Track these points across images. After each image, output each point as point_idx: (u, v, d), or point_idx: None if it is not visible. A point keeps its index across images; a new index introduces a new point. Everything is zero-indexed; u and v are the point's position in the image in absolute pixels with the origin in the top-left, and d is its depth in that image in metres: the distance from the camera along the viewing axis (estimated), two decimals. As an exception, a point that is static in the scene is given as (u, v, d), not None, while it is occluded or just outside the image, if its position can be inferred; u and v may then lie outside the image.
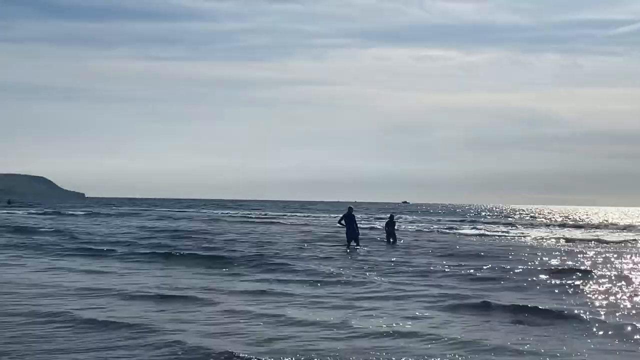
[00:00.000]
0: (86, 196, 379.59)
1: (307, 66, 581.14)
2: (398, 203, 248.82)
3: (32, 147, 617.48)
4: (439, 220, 72.72)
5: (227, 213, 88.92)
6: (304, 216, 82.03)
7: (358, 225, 29.99)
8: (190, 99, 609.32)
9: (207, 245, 29.02)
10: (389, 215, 34.55)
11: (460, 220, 72.72)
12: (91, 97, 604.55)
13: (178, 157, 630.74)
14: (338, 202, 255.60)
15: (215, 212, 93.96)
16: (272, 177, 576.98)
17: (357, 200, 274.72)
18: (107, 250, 25.54)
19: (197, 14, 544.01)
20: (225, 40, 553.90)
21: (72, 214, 69.85)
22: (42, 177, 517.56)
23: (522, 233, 45.86)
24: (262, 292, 14.90)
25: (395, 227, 33.59)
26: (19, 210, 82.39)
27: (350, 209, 29.93)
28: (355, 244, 28.73)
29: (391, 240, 31.98)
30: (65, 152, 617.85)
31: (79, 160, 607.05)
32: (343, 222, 29.64)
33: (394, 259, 23.05)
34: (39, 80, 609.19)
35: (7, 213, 68.64)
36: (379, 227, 46.27)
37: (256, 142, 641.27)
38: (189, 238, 33.57)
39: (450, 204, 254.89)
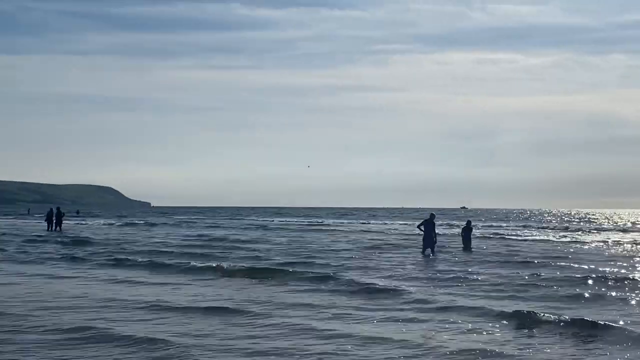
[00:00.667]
0: (152, 205, 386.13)
1: (369, 72, 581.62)
2: (457, 209, 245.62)
3: (100, 157, 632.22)
4: (506, 226, 71.02)
5: (294, 221, 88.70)
6: (365, 223, 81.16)
7: (437, 233, 29.48)
8: (253, 108, 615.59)
9: (257, 255, 28.61)
10: (465, 222, 33.59)
11: (523, 225, 71.14)
12: (157, 107, 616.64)
13: (242, 165, 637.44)
14: (402, 207, 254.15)
15: (278, 219, 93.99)
16: (334, 184, 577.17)
17: (420, 207, 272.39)
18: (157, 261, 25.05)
19: (259, 23, 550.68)
20: (288, 49, 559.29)
21: (133, 223, 70.81)
22: (109, 187, 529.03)
23: (604, 239, 43.92)
24: (323, 306, 14.42)
25: (472, 234, 32.92)
26: (85, 220, 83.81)
27: (432, 215, 29.25)
28: (430, 253, 28.17)
29: (467, 246, 31.42)
30: (131, 162, 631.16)
31: (145, 170, 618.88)
32: (422, 227, 29.05)
33: (470, 269, 22.35)
34: (106, 92, 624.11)
35: (75, 223, 69.77)
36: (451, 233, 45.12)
37: (318, 149, 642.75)
38: (240, 248, 33.23)
39: (514, 209, 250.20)
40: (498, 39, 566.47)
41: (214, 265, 22.50)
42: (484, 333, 11.47)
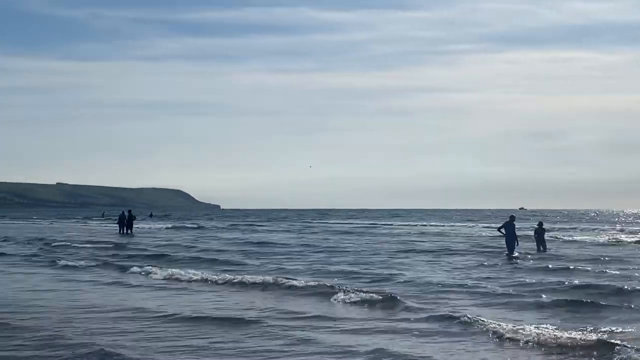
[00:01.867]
0: (222, 208, 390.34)
1: (439, 73, 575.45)
2: (514, 209, 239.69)
3: (172, 161, 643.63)
4: (579, 228, 68.08)
5: (374, 224, 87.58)
6: (441, 225, 79.21)
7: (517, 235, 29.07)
8: (323, 110, 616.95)
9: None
10: (537, 223, 32.62)
11: (593, 228, 68.14)
12: (227, 111, 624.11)
13: (313, 168, 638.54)
14: (476, 209, 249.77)
15: (353, 222, 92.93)
16: (406, 185, 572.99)
17: (492, 208, 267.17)
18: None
19: (326, 25, 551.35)
20: (356, 51, 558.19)
21: (184, 227, 70.78)
22: (180, 190, 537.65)
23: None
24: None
25: (545, 236, 31.63)
26: (158, 222, 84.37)
27: (512, 217, 29.10)
28: (509, 253, 28.13)
29: (541, 248, 30.32)
30: (202, 165, 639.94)
31: (215, 173, 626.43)
32: (503, 230, 28.96)
33: (550, 279, 20.60)
34: (177, 97, 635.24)
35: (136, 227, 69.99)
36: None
37: (390, 150, 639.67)
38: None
39: (589, 209, 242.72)
40: (569, 37, 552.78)
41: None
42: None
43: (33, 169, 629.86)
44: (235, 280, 19.32)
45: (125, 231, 51.97)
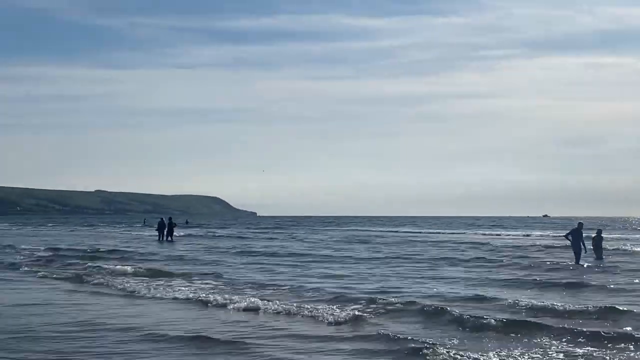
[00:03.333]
0: (258, 215, 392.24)
1: (474, 79, 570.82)
2: (538, 217, 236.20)
3: (208, 168, 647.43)
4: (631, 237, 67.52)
5: (410, 230, 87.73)
6: (484, 234, 78.65)
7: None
8: (357, 117, 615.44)
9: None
10: (596, 230, 32.84)
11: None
12: (261, 118, 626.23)
13: (347, 175, 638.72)
14: (509, 217, 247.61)
15: (379, 229, 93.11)
16: (442, 192, 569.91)
17: (529, 215, 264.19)
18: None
19: (360, 32, 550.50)
20: (390, 57, 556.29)
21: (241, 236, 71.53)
22: (216, 197, 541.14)
23: None
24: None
25: (602, 244, 32.08)
26: (194, 229, 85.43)
27: (580, 224, 29.97)
28: (576, 261, 29.00)
29: (600, 255, 31.00)
30: (238, 172, 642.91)
31: (251, 180, 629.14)
32: (570, 237, 29.73)
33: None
34: (212, 104, 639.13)
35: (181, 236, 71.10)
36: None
37: (425, 157, 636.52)
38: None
39: (628, 217, 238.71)
40: (606, 43, 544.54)
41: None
42: None
43: (73, 176, 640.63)
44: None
45: (165, 238, 52.54)
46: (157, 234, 54.89)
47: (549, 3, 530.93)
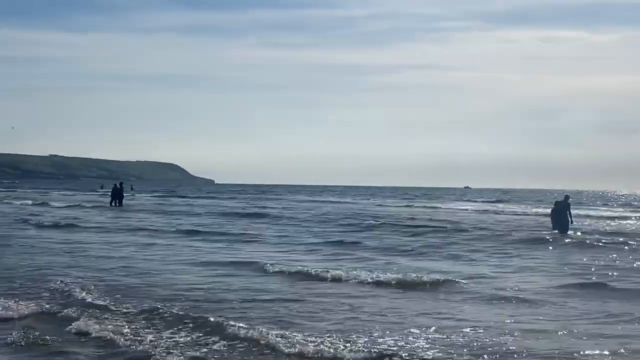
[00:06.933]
0: (216, 182, 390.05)
1: (430, 50, 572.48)
2: (459, 188, 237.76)
3: (165, 135, 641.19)
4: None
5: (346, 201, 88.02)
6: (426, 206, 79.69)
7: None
8: (315, 86, 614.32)
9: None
10: (564, 196, 31.61)
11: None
12: (221, 85, 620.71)
13: (303, 144, 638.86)
14: (467, 188, 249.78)
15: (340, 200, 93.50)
16: (395, 163, 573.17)
17: (469, 186, 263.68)
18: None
19: (320, 1, 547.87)
20: (349, 26, 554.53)
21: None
22: (173, 164, 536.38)
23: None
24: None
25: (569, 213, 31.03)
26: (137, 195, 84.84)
27: (566, 197, 30.72)
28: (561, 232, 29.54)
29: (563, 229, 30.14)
30: (196, 139, 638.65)
31: (209, 147, 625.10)
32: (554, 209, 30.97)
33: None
34: (170, 70, 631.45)
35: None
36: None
37: (380, 127, 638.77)
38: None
39: (581, 190, 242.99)
40: (563, 16, 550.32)
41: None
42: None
43: (26, 141, 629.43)
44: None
45: (115, 204, 53.16)
46: (110, 199, 54.83)
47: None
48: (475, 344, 9.65)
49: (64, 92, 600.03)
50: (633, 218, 45.71)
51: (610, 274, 17.35)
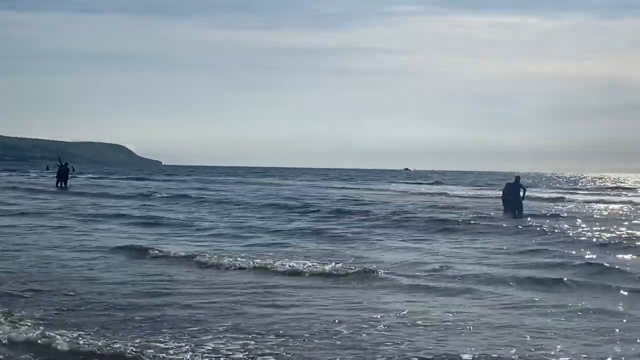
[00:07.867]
0: (163, 164, 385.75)
1: (382, 34, 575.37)
2: (399, 170, 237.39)
3: (113, 116, 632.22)
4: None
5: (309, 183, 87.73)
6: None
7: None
8: (264, 68, 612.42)
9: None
10: (515, 178, 30.97)
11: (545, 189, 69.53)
12: (169, 66, 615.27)
13: (252, 125, 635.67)
14: (407, 170, 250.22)
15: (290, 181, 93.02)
16: (344, 145, 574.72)
17: (409, 168, 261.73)
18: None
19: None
20: (301, 9, 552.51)
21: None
22: (120, 145, 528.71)
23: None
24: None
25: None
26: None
27: (517, 178, 30.50)
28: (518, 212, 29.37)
29: (517, 212, 29.56)
30: (142, 120, 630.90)
31: (156, 129, 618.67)
32: (505, 191, 30.75)
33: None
34: (118, 50, 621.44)
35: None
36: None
37: (329, 110, 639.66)
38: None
39: (532, 172, 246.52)
40: (513, 3, 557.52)
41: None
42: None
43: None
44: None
45: (61, 185, 52.67)
46: (56, 179, 53.99)
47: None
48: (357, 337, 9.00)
49: (10, 71, 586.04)
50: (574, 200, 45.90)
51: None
